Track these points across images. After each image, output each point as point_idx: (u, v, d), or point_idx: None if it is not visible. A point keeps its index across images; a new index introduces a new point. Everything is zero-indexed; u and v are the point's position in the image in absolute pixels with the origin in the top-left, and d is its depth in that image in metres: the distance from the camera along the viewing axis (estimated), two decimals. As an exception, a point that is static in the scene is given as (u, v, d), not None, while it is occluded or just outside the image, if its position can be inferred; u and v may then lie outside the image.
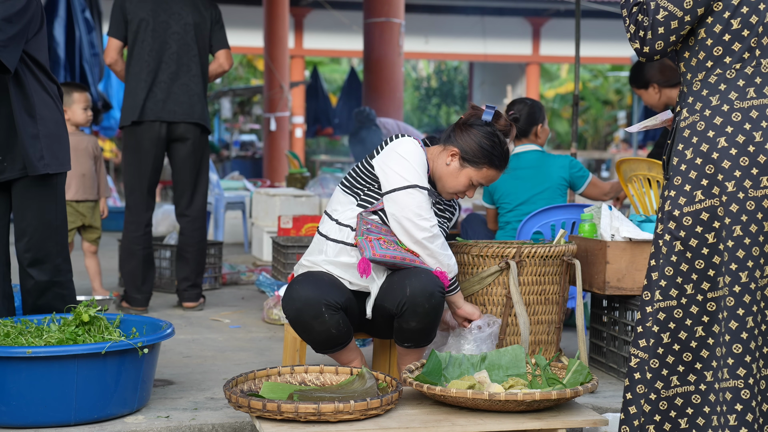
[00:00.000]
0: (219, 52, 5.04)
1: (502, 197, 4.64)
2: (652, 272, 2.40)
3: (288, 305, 2.98)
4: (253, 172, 15.17)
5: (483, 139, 3.16)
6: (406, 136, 3.14)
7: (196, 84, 4.90)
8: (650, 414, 2.37)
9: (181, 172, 4.96)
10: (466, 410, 2.67)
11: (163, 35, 4.84)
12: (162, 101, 4.82)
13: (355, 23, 15.78)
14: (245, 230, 8.26)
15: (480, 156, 3.16)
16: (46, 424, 2.79)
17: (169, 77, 4.84)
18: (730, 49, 2.34)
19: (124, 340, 2.87)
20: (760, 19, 2.33)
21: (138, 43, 4.85)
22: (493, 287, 3.34)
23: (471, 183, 3.19)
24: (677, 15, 2.32)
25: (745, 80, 2.34)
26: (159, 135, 4.84)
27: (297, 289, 2.97)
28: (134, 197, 4.89)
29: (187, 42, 4.88)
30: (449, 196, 3.26)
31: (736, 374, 2.29)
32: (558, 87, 27.02)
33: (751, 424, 2.27)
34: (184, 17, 4.89)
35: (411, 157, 3.08)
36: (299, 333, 3.03)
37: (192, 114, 4.87)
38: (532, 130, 4.65)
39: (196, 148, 4.94)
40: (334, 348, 3.05)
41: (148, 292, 4.93)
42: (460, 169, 3.17)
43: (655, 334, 2.37)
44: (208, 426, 2.92)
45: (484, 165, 3.17)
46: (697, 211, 2.34)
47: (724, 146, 2.32)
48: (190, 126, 4.89)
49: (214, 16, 5.02)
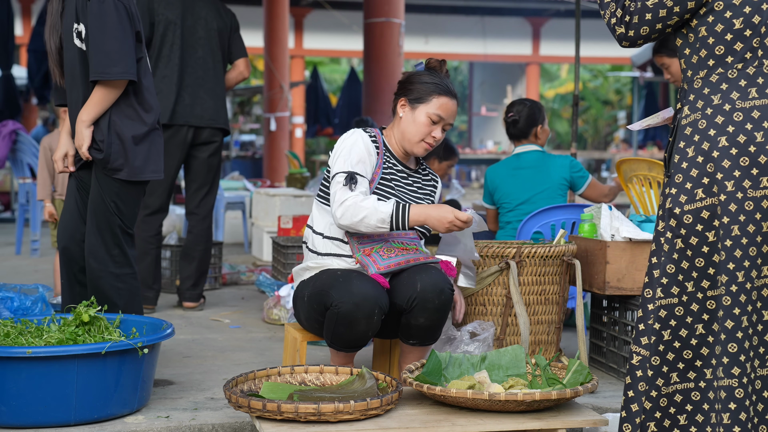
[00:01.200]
0: (239, 61, 5.12)
1: (503, 197, 4.64)
2: (654, 270, 2.40)
3: (344, 297, 2.89)
4: (253, 172, 15.18)
5: (420, 77, 3.19)
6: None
7: (221, 89, 4.98)
8: (651, 411, 2.37)
9: (199, 172, 5.01)
10: (466, 410, 2.67)
11: (191, 39, 4.89)
12: (190, 106, 4.87)
13: (355, 23, 15.79)
14: (245, 230, 8.26)
15: (424, 89, 3.15)
16: (46, 424, 2.79)
17: (195, 81, 4.89)
18: (732, 49, 2.34)
19: (124, 340, 2.87)
20: (762, 19, 2.33)
21: (166, 45, 4.87)
22: (493, 287, 3.34)
23: (430, 120, 3.13)
24: (666, 4, 2.32)
25: (747, 80, 2.34)
26: (185, 139, 4.89)
27: (357, 284, 2.91)
28: (153, 198, 4.91)
29: (212, 47, 4.95)
30: (420, 149, 3.17)
31: (730, 373, 2.29)
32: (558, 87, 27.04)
33: (744, 423, 2.28)
34: (209, 22, 4.95)
35: (340, 148, 3.11)
36: (337, 327, 2.94)
37: (218, 119, 4.96)
38: (532, 131, 4.66)
39: (217, 150, 5.04)
40: (355, 349, 3.04)
41: (158, 290, 4.98)
42: (413, 112, 3.15)
43: (656, 331, 2.37)
44: (208, 426, 2.92)
45: (432, 95, 3.15)
46: (698, 209, 2.34)
47: (725, 145, 2.32)
48: (216, 131, 4.98)
49: (234, 24, 5.10)
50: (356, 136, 3.13)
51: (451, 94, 3.19)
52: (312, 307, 3.05)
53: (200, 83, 4.90)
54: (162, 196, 4.93)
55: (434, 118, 3.14)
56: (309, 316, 3.10)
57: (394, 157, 3.22)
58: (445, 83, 3.20)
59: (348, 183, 3.01)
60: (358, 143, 3.11)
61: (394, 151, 3.23)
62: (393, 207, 2.98)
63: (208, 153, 4.99)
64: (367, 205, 2.97)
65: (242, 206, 8.14)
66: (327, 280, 3.00)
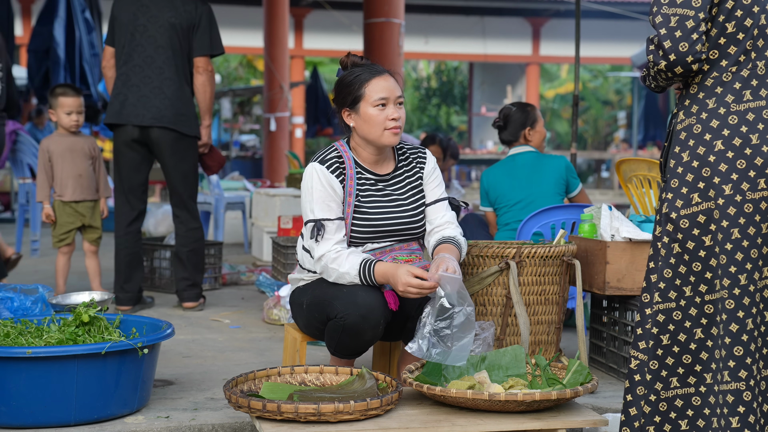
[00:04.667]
0: (196, 59, 4.89)
1: (499, 198, 4.65)
2: (651, 274, 2.41)
3: (350, 309, 2.83)
4: (253, 173, 15.17)
5: (342, 81, 3.04)
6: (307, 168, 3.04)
7: (174, 88, 4.81)
8: (650, 415, 2.37)
9: (166, 175, 4.98)
10: (466, 410, 2.67)
11: (141, 38, 4.82)
12: (133, 105, 4.79)
13: (355, 23, 15.78)
14: (245, 230, 8.26)
15: (351, 88, 3.00)
16: (46, 424, 2.79)
17: (142, 80, 4.80)
18: (725, 53, 2.34)
19: (124, 341, 2.87)
20: (754, 22, 2.33)
21: (118, 47, 4.87)
22: (493, 287, 3.34)
23: (377, 109, 2.97)
24: (689, 15, 2.30)
25: (742, 83, 2.34)
26: (131, 137, 4.83)
27: (362, 295, 2.86)
28: (116, 198, 4.95)
29: (163, 45, 4.81)
30: (389, 137, 3.00)
31: (738, 377, 2.28)
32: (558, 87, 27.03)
33: (753, 426, 2.28)
34: (160, 19, 4.82)
35: (302, 191, 3.03)
36: (343, 337, 2.90)
37: (161, 118, 4.78)
38: (521, 134, 4.72)
39: (175, 152, 4.85)
40: (358, 355, 3.02)
41: (131, 291, 4.93)
42: (359, 114, 3.00)
43: (654, 336, 2.37)
44: (208, 426, 2.92)
45: (362, 87, 2.98)
46: (694, 214, 2.34)
47: (721, 149, 2.32)
48: (164, 130, 4.81)
49: (197, 18, 4.87)
50: (311, 175, 2.99)
51: (379, 73, 3.00)
52: (312, 315, 3.01)
53: (146, 82, 4.80)
54: (124, 196, 4.90)
55: (378, 103, 2.97)
56: (309, 324, 3.07)
57: (366, 170, 3.07)
58: (367, 68, 3.02)
59: (314, 235, 2.94)
60: (315, 182, 2.97)
61: (364, 161, 3.08)
62: (359, 269, 2.88)
63: (175, 159, 4.86)
64: (336, 267, 2.90)
65: (242, 206, 8.14)
66: (328, 290, 2.95)
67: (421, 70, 30.07)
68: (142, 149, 4.88)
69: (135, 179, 4.92)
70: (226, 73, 25.13)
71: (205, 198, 7.89)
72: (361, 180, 3.06)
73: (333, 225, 2.95)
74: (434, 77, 29.22)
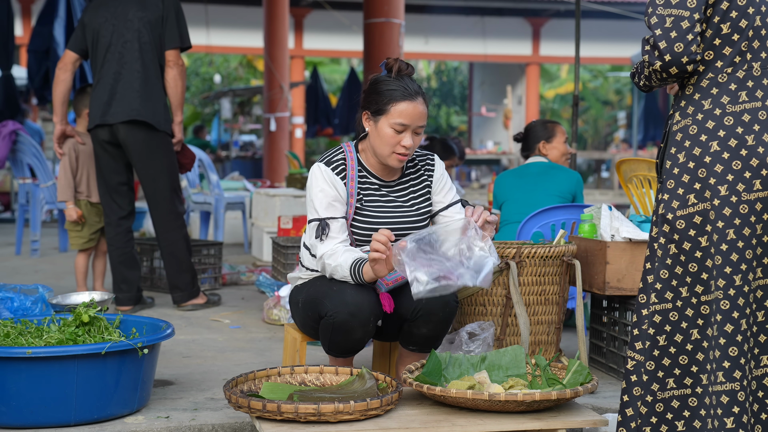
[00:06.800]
0: (167, 53, 4.82)
1: (506, 203, 4.69)
2: (648, 275, 2.41)
3: (339, 307, 2.86)
4: (253, 173, 15.17)
5: (378, 84, 3.00)
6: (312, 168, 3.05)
7: (144, 83, 4.75)
8: (647, 416, 2.38)
9: (138, 175, 4.91)
10: (466, 410, 2.67)
11: (114, 39, 4.77)
12: (107, 104, 4.76)
13: (355, 23, 15.79)
14: (245, 230, 8.26)
15: (381, 98, 2.96)
16: (46, 424, 2.79)
17: (114, 78, 4.77)
18: (720, 54, 2.35)
19: (124, 341, 2.87)
20: (749, 23, 2.33)
21: (92, 53, 4.85)
22: (493, 287, 3.34)
23: (394, 130, 2.94)
24: (685, 16, 2.31)
25: (737, 84, 2.34)
26: (103, 139, 4.80)
27: (351, 293, 2.87)
28: (102, 199, 4.95)
29: (132, 41, 4.76)
30: (393, 161, 2.99)
31: (732, 377, 2.29)
32: (558, 87, 27.05)
33: (746, 425, 2.29)
34: (129, 16, 4.78)
35: (306, 190, 3.05)
36: (334, 335, 2.92)
37: (130, 111, 4.72)
38: (537, 146, 4.82)
39: (143, 150, 4.79)
40: (352, 354, 3.03)
41: (130, 291, 4.92)
42: (376, 125, 2.98)
43: (650, 336, 2.38)
44: (208, 426, 2.92)
45: (390, 103, 2.94)
46: (690, 215, 2.34)
47: (717, 150, 2.32)
48: (132, 129, 4.75)
49: (164, 10, 4.80)
50: (315, 175, 3.01)
51: (412, 97, 2.95)
52: (306, 314, 3.05)
53: (117, 79, 4.76)
54: (107, 197, 4.89)
55: (397, 128, 2.94)
56: (304, 323, 3.10)
57: (371, 174, 3.07)
58: (404, 86, 2.96)
59: (319, 234, 2.96)
60: (319, 183, 2.99)
61: (370, 166, 3.08)
62: (350, 265, 2.88)
63: (144, 158, 4.79)
64: (331, 262, 2.92)
65: (242, 206, 8.14)
66: (320, 288, 2.98)
67: (421, 70, 30.09)
68: (115, 150, 4.85)
69: (115, 180, 4.89)
70: (226, 73, 25.12)
71: (205, 198, 7.89)
72: (365, 184, 3.06)
73: (337, 224, 2.98)
74: (434, 77, 29.24)
